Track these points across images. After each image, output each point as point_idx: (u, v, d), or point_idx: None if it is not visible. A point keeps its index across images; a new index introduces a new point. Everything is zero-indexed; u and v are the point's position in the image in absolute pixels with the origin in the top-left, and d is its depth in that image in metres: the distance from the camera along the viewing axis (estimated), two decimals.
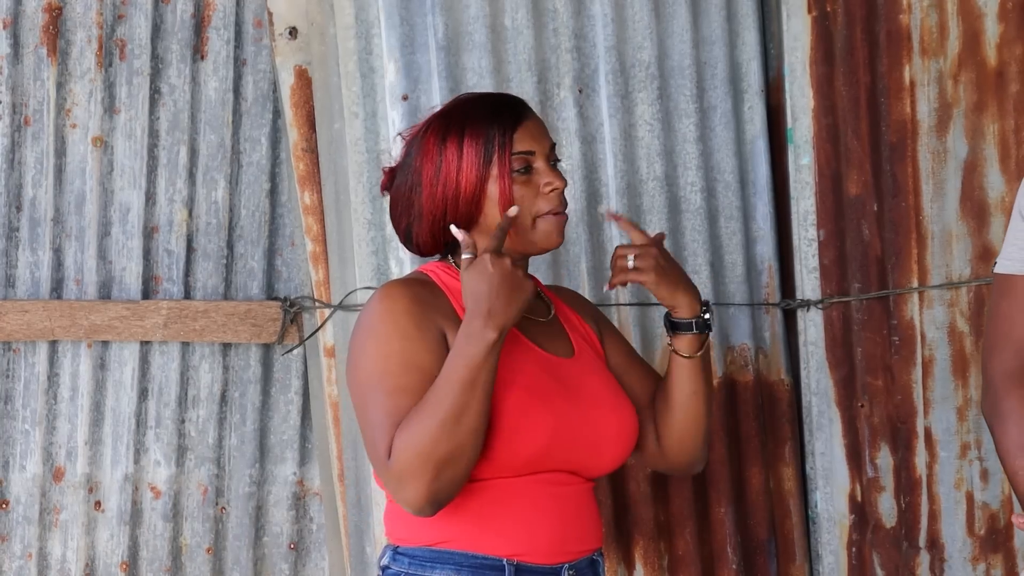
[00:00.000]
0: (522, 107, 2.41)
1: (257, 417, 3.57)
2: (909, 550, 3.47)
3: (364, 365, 2.28)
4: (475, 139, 2.34)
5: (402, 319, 2.28)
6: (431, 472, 2.20)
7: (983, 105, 3.47)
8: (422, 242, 2.41)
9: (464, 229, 2.35)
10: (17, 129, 3.48)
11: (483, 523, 2.28)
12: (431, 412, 2.20)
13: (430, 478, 2.20)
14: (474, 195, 2.34)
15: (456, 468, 2.21)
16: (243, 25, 3.57)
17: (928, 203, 3.47)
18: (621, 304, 3.37)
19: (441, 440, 2.19)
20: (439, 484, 2.21)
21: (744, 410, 3.46)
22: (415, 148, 2.39)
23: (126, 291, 3.51)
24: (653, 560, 3.39)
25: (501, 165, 2.34)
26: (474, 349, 2.21)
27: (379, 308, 2.29)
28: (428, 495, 2.21)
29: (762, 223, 3.52)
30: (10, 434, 3.47)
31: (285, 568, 3.60)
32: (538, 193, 2.36)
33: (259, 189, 3.59)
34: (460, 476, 2.22)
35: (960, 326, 3.48)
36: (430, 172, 2.36)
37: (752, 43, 3.52)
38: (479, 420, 2.22)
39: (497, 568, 2.28)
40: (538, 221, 2.36)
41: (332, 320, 3.40)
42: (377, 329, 2.28)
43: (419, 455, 2.19)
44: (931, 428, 3.48)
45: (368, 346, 2.28)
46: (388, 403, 2.24)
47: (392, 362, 2.26)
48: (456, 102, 2.44)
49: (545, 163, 2.37)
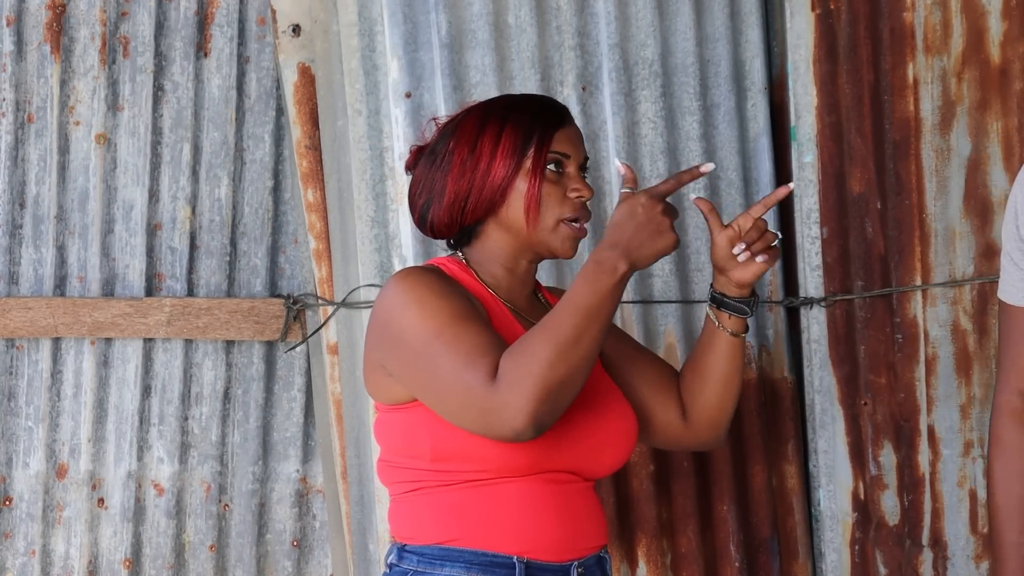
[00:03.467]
0: (566, 113, 2.43)
1: (260, 414, 3.58)
2: (912, 548, 3.47)
3: (414, 332, 2.24)
4: (516, 130, 2.36)
5: (432, 286, 2.27)
6: (542, 393, 2.16)
7: (987, 103, 3.46)
8: (437, 222, 2.40)
9: (481, 218, 2.36)
10: (21, 126, 3.48)
11: (492, 521, 2.28)
12: (549, 335, 2.17)
13: (541, 399, 2.16)
14: (502, 184, 2.35)
15: (565, 393, 2.18)
16: (246, 22, 3.57)
17: (931, 201, 3.47)
18: (625, 302, 3.37)
19: (557, 363, 2.16)
20: (547, 407, 2.17)
21: (747, 408, 3.46)
22: (451, 130, 2.40)
23: (129, 288, 3.51)
24: (656, 558, 3.39)
25: (536, 160, 2.35)
26: (604, 276, 2.20)
27: (403, 284, 2.27)
28: (534, 417, 2.17)
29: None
30: (13, 431, 3.47)
31: (288, 565, 3.60)
32: (564, 197, 2.37)
33: (262, 186, 3.59)
34: (565, 403, 2.20)
35: (963, 324, 3.47)
36: (463, 154, 2.36)
37: (755, 41, 3.52)
38: (594, 350, 2.20)
39: (508, 566, 2.27)
40: (559, 226, 2.37)
41: (335, 317, 3.40)
42: (411, 297, 2.25)
43: (532, 374, 2.15)
44: (934, 426, 3.47)
45: (409, 315, 2.25)
46: (463, 343, 2.21)
47: (443, 315, 2.23)
48: (501, 97, 2.47)
49: (577, 171, 2.39)
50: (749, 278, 2.36)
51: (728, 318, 2.41)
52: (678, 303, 3.41)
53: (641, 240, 2.23)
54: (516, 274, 2.42)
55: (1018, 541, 2.36)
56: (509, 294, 2.41)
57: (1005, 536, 2.37)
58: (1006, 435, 2.39)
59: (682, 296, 3.42)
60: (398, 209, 3.27)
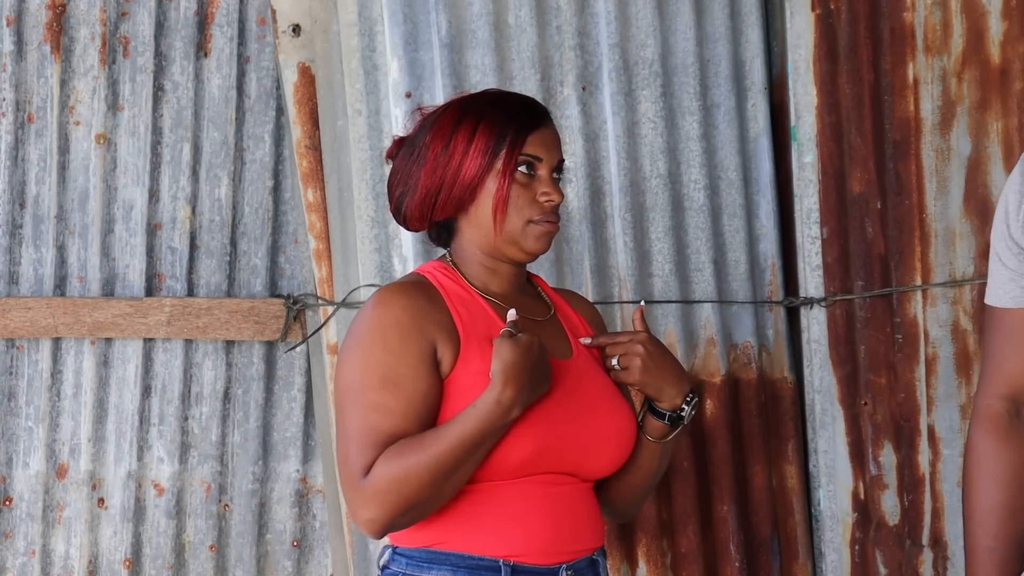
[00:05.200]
0: (543, 115, 2.41)
1: (260, 414, 3.58)
2: (912, 548, 3.47)
3: (346, 374, 2.30)
4: (489, 130, 2.35)
5: (389, 331, 2.28)
6: (400, 508, 2.22)
7: (987, 103, 3.46)
8: (410, 215, 2.41)
9: (452, 215, 2.37)
10: (21, 126, 3.48)
11: (478, 524, 2.28)
12: (426, 455, 2.22)
13: (398, 514, 2.23)
14: (472, 183, 2.35)
15: (422, 511, 2.25)
16: (246, 22, 3.57)
17: (931, 201, 3.47)
18: (624, 302, 3.37)
19: (425, 487, 2.21)
20: (401, 521, 2.24)
21: (747, 408, 3.46)
22: (429, 123, 2.40)
23: (129, 288, 3.51)
24: (656, 558, 3.39)
25: (507, 162, 2.34)
26: (500, 415, 2.22)
27: (370, 316, 2.30)
28: (385, 525, 2.25)
29: (765, 221, 3.52)
30: (13, 431, 3.47)
31: (288, 565, 3.60)
32: (533, 200, 2.36)
33: (262, 186, 3.59)
34: (420, 517, 2.26)
35: (963, 324, 3.47)
36: (437, 149, 2.36)
37: (756, 41, 3.52)
38: (467, 475, 2.24)
39: (493, 569, 2.27)
40: (528, 227, 2.36)
41: (335, 317, 3.40)
42: (364, 339, 2.30)
43: (396, 491, 2.22)
44: (934, 426, 3.47)
45: (353, 355, 2.30)
46: (364, 419, 2.26)
47: (372, 376, 2.27)
48: (483, 93, 2.46)
49: (548, 174, 2.38)
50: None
51: (652, 423, 2.42)
52: (678, 303, 3.41)
53: (534, 384, 2.24)
54: (499, 273, 2.41)
55: (991, 546, 2.36)
56: (497, 291, 2.41)
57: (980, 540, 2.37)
58: (984, 440, 2.38)
59: (682, 296, 3.42)
60: None
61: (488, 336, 2.32)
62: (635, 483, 2.45)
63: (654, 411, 2.41)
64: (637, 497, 2.49)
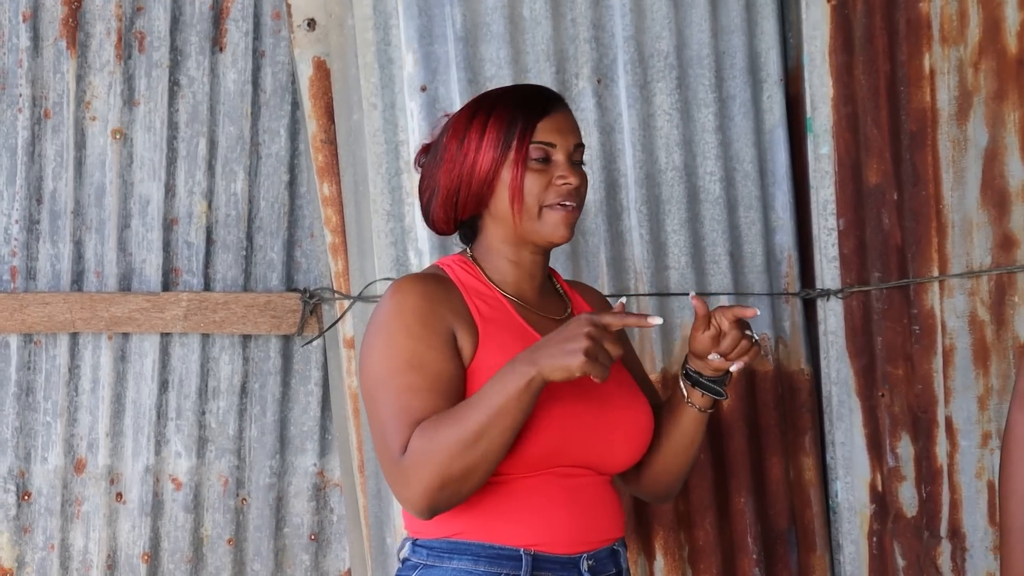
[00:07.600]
0: (554, 100, 2.42)
1: (277, 408, 3.58)
2: (930, 539, 3.47)
3: (372, 362, 2.30)
4: (499, 122, 2.37)
5: (409, 317, 2.29)
6: (437, 483, 2.21)
7: (1003, 93, 3.45)
8: (436, 217, 2.44)
9: (476, 212, 2.39)
10: (37, 122, 3.49)
11: (500, 515, 2.29)
12: (454, 428, 2.21)
13: (436, 488, 2.21)
14: (487, 177, 2.36)
15: (461, 486, 2.23)
16: (261, 17, 3.58)
17: (948, 192, 3.46)
18: (640, 295, 3.37)
19: (457, 457, 2.20)
20: (441, 495, 2.23)
21: (764, 400, 3.46)
22: (447, 126, 2.43)
23: (146, 283, 3.52)
24: (673, 550, 3.39)
25: (518, 151, 2.35)
26: (514, 379, 2.20)
27: (389, 305, 2.31)
28: (428, 503, 2.23)
29: (781, 212, 3.51)
30: (32, 426, 3.48)
31: (306, 559, 3.61)
32: (550, 185, 2.36)
33: (278, 181, 3.59)
34: (463, 494, 2.24)
35: (981, 315, 3.46)
36: (452, 149, 2.39)
37: (771, 32, 3.51)
38: (498, 447, 2.22)
39: (514, 558, 2.28)
40: (544, 211, 2.36)
41: (352, 311, 3.40)
42: (386, 327, 2.30)
43: (430, 463, 2.21)
44: (952, 417, 3.47)
45: (377, 343, 2.30)
46: (396, 402, 2.26)
47: (398, 360, 2.27)
48: (493, 89, 2.48)
49: (565, 158, 2.38)
50: (724, 368, 2.36)
51: (700, 396, 2.41)
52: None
53: (552, 351, 2.20)
54: (522, 266, 2.41)
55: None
56: (517, 288, 2.41)
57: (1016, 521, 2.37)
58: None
59: (698, 288, 3.42)
60: (414, 203, 3.27)
61: (507, 330, 2.33)
62: (686, 457, 2.45)
63: (701, 384, 2.39)
64: (685, 473, 2.48)
